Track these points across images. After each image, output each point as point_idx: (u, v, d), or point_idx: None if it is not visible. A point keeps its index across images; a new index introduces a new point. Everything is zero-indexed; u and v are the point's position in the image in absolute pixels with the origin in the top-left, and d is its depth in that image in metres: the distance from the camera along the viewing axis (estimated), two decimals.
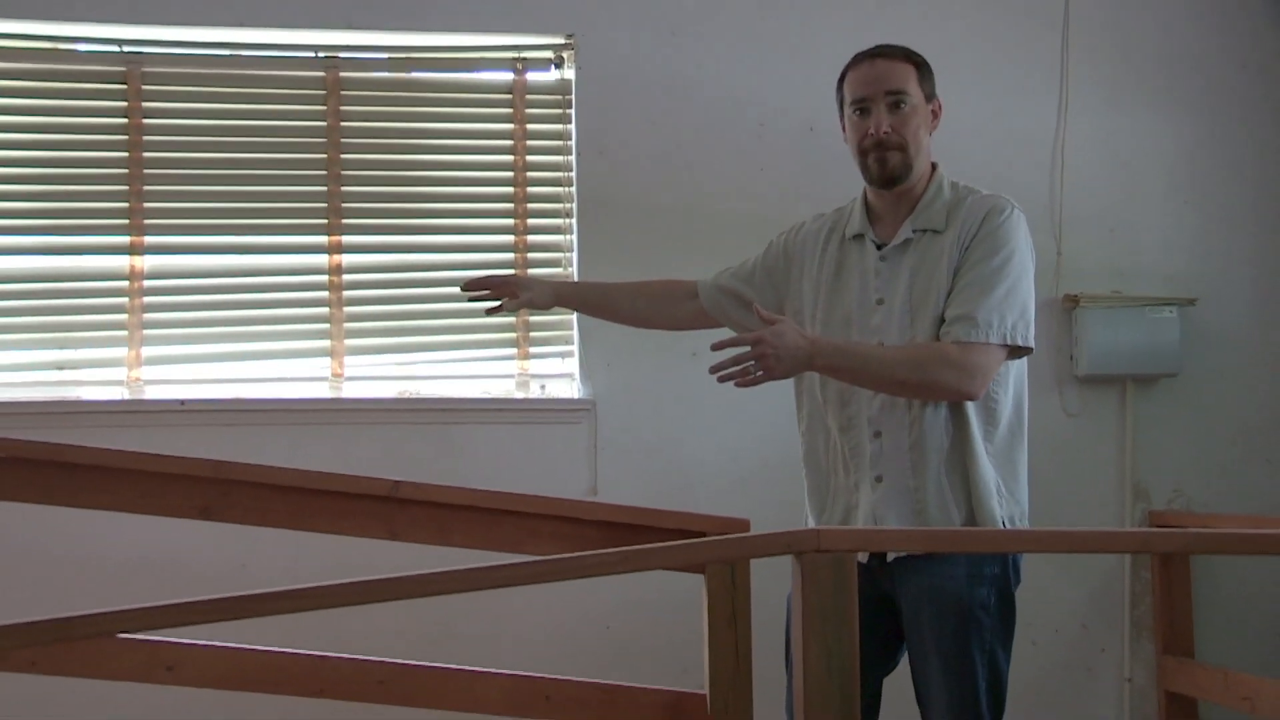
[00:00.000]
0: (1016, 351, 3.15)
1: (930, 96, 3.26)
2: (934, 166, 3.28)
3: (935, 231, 3.19)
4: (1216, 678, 4.40)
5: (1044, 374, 4.81)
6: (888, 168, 3.19)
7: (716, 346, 3.07)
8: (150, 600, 2.83)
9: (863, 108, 3.23)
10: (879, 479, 3.17)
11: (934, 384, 3.08)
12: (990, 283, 3.11)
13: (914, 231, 3.21)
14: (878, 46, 3.29)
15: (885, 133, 3.18)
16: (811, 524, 3.36)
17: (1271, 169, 4.95)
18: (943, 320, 3.13)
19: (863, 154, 3.23)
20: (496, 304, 3.55)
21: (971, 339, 3.07)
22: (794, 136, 4.73)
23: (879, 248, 3.24)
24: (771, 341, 3.01)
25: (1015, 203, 3.21)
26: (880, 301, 3.21)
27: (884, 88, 3.21)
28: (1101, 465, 4.86)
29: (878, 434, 3.16)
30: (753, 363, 3.03)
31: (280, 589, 2.84)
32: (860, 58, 3.28)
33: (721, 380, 3.10)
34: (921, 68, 3.26)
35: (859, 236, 3.28)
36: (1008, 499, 3.19)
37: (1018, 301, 3.14)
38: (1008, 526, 3.18)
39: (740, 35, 4.78)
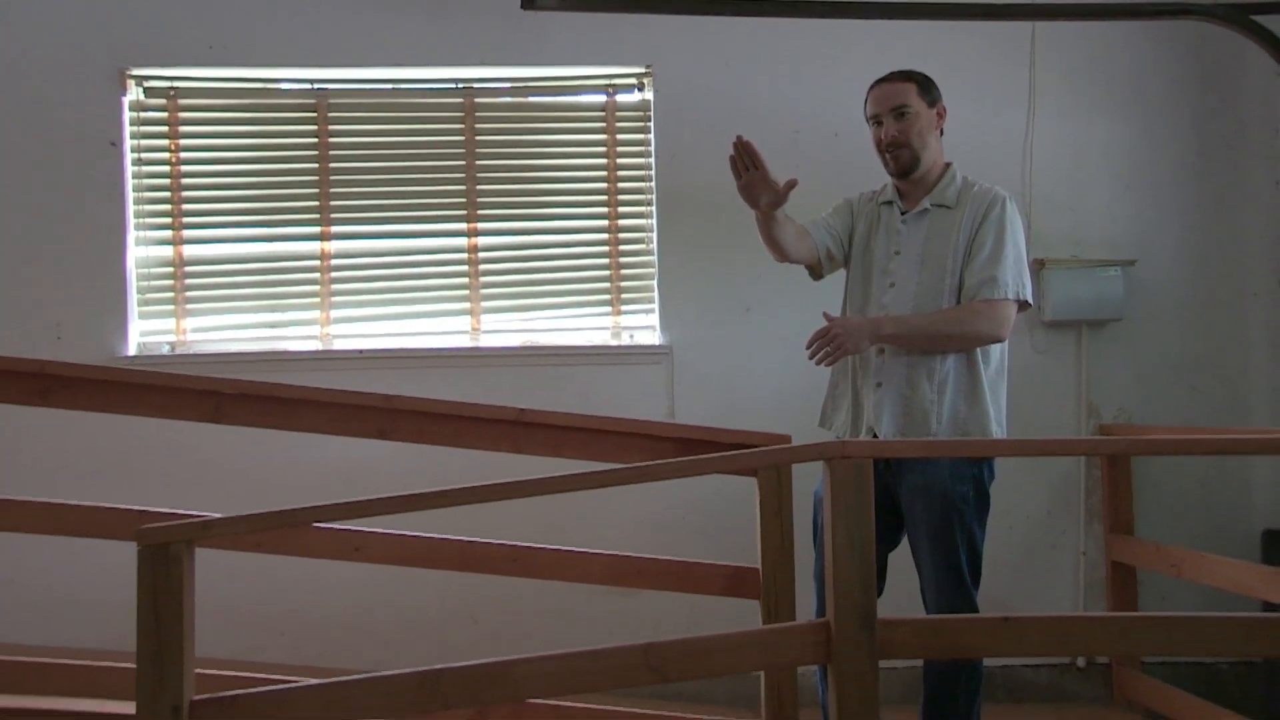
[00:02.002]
0: (1023, 306, 3.31)
1: (933, 103, 3.36)
2: (949, 165, 3.40)
3: (947, 207, 3.33)
4: (1151, 550, 4.44)
5: (1017, 320, 4.69)
6: (900, 163, 3.35)
7: (808, 345, 3.22)
8: (341, 499, 2.97)
9: (877, 120, 3.37)
10: (879, 385, 3.27)
11: (972, 334, 3.24)
12: (1000, 255, 3.27)
13: (931, 205, 3.34)
14: (887, 74, 3.39)
15: (893, 136, 3.30)
16: (826, 421, 3.50)
17: (1192, 160, 4.92)
18: (960, 282, 3.27)
19: (881, 155, 3.38)
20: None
21: (995, 296, 3.24)
22: (823, 141, 4.74)
23: (903, 214, 3.35)
24: (838, 327, 3.20)
25: (1008, 194, 3.34)
26: (898, 253, 3.36)
27: (889, 105, 3.33)
28: (1062, 390, 4.87)
29: (881, 351, 3.28)
30: (831, 345, 3.19)
31: (437, 489, 2.93)
32: (874, 84, 3.42)
33: (817, 363, 3.26)
34: (921, 83, 3.37)
35: (889, 203, 3.42)
36: (991, 418, 3.28)
37: (1021, 268, 3.33)
38: (993, 435, 3.28)
39: (779, 63, 4.81)
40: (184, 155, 4.75)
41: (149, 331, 4.72)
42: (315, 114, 4.78)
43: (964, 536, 3.22)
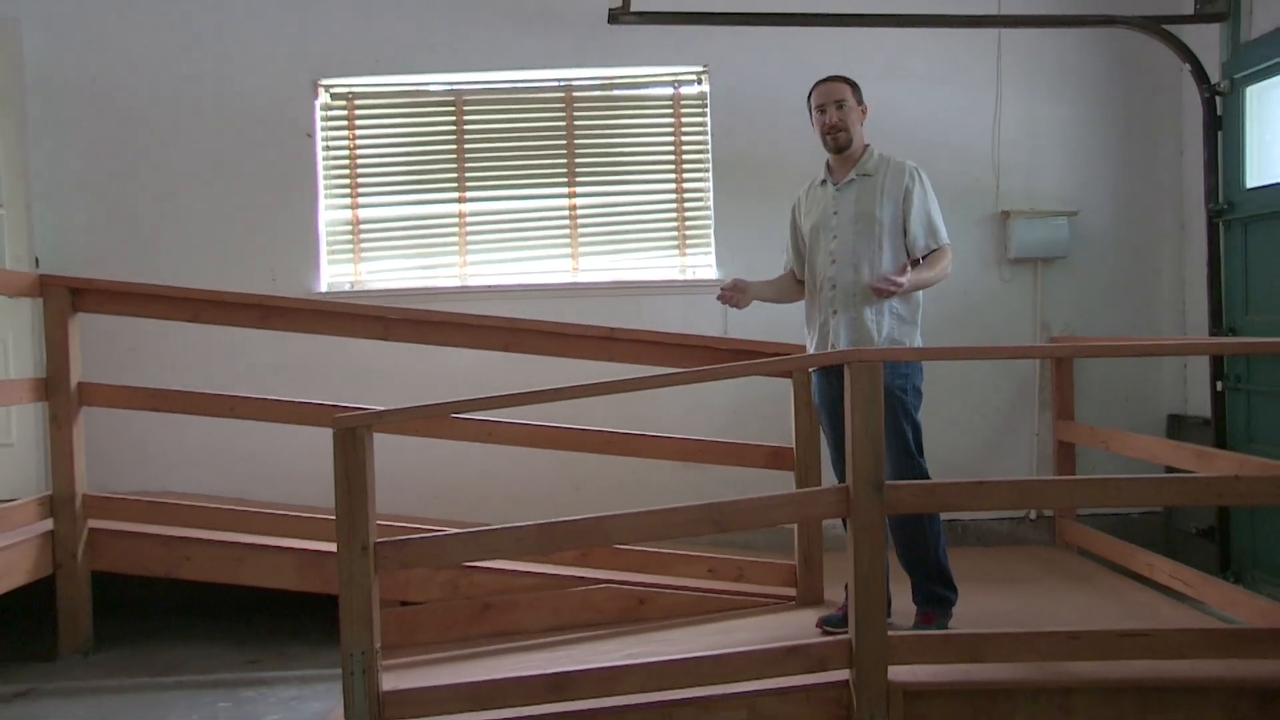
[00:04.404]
0: None
1: (860, 101, 3.34)
2: (868, 145, 3.36)
3: (869, 175, 3.30)
4: (1086, 431, 4.38)
5: (989, 258, 4.73)
6: (838, 142, 3.32)
7: (884, 292, 3.16)
8: (475, 395, 2.98)
9: (821, 109, 3.32)
10: (834, 312, 3.27)
11: (945, 275, 3.28)
12: (929, 215, 3.28)
13: (855, 175, 3.32)
14: (827, 76, 3.36)
15: (834, 122, 3.29)
16: (805, 335, 3.46)
17: (1126, 136, 4.77)
18: (904, 231, 3.25)
19: (823, 136, 3.34)
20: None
21: (942, 243, 3.27)
22: None
23: (836, 185, 3.32)
24: (896, 284, 3.12)
25: (916, 164, 3.30)
26: (836, 213, 3.33)
27: (832, 98, 3.32)
28: (1023, 311, 4.76)
29: (834, 286, 3.27)
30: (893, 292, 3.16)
31: (549, 388, 2.96)
32: (818, 82, 3.39)
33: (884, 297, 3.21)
34: (853, 85, 3.36)
35: (824, 181, 3.39)
36: (918, 333, 3.30)
37: (941, 220, 3.30)
38: (917, 345, 3.31)
39: (806, 61, 4.59)
40: (359, 142, 4.75)
41: (335, 274, 4.75)
42: (454, 108, 4.75)
43: (906, 419, 3.22)
